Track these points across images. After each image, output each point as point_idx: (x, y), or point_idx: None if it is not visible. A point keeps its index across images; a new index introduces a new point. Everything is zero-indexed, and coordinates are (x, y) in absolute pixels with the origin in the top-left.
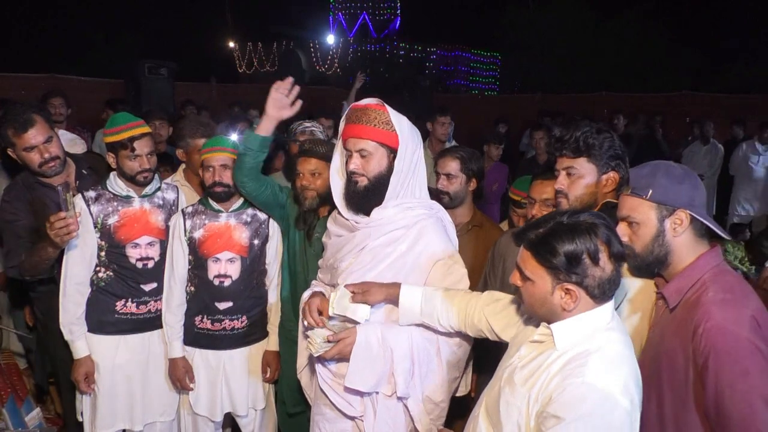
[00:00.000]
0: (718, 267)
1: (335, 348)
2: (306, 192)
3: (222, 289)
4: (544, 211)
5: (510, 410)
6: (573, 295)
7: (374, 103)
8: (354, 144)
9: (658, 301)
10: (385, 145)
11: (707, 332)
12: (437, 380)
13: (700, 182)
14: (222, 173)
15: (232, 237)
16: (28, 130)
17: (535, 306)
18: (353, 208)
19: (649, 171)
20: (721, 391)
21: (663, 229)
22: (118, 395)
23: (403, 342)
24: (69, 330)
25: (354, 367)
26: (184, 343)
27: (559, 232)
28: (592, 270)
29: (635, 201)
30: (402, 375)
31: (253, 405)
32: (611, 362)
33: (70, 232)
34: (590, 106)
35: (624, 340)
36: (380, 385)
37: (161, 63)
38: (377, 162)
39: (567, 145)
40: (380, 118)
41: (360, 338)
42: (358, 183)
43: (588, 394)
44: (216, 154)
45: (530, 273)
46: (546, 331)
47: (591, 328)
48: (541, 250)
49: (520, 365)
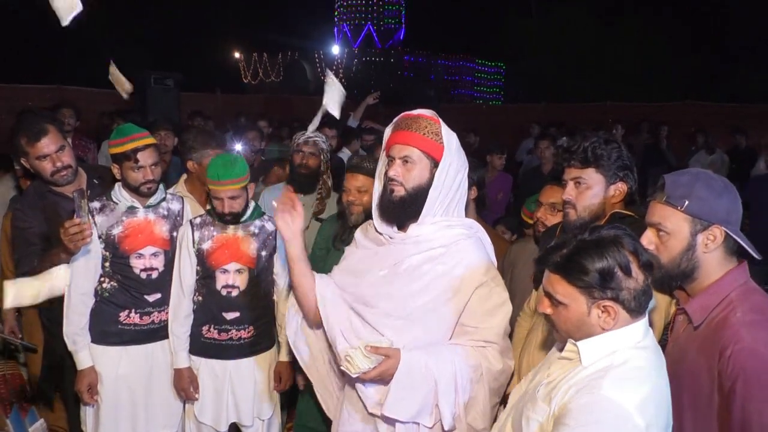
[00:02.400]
0: (746, 285)
1: (376, 370)
2: (352, 207)
3: (229, 300)
4: (549, 215)
5: (530, 425)
6: (611, 311)
7: (428, 113)
8: (399, 150)
9: (678, 316)
10: (429, 156)
11: (736, 355)
12: (479, 408)
13: (738, 196)
14: (231, 204)
15: (240, 248)
16: (41, 140)
17: (571, 331)
18: (387, 220)
19: (688, 180)
20: (749, 417)
21: (694, 244)
22: (121, 406)
23: (447, 372)
24: (72, 340)
25: (395, 394)
26: (189, 353)
27: (586, 249)
28: (626, 282)
29: (668, 210)
30: (448, 407)
31: (258, 415)
32: (632, 378)
33: (84, 237)
34: (594, 115)
35: (653, 360)
36: (422, 414)
37: (167, 74)
38: (418, 172)
39: (575, 155)
40: (430, 128)
41: (402, 365)
42: (394, 192)
43: (600, 404)
44: (224, 187)
45: (562, 296)
46: (573, 348)
47: (618, 344)
48: (571, 271)
49: (545, 382)
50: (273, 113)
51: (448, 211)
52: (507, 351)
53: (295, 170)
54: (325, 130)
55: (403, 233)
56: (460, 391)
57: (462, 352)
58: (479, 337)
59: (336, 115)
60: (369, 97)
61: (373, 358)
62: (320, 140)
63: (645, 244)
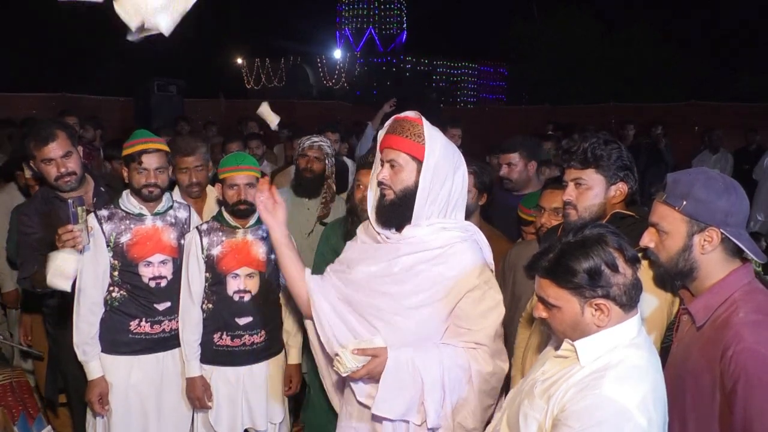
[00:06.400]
0: (750, 285)
1: (365, 368)
2: (364, 203)
3: (242, 305)
4: (553, 220)
5: (528, 422)
6: (604, 309)
7: (412, 115)
8: (387, 154)
9: (683, 316)
10: (415, 158)
11: (737, 355)
12: (470, 407)
13: (742, 197)
14: (248, 191)
15: (250, 253)
16: (48, 144)
17: (567, 331)
18: (382, 222)
19: (688, 180)
20: (750, 418)
21: (690, 245)
22: (132, 416)
23: (434, 369)
24: (82, 351)
25: (383, 394)
26: (202, 362)
27: (571, 251)
28: (614, 279)
29: (667, 210)
30: (433, 405)
31: (270, 419)
32: (630, 377)
33: (76, 245)
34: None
35: (648, 358)
36: (410, 413)
37: (170, 80)
38: (406, 175)
39: (575, 156)
40: (413, 130)
41: (390, 362)
42: (385, 196)
43: (601, 404)
44: (241, 172)
45: (554, 300)
46: (569, 347)
47: (614, 342)
48: (559, 274)
49: (541, 379)
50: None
51: (445, 212)
52: (498, 353)
53: (300, 174)
54: (327, 134)
55: (398, 234)
56: (447, 390)
57: (451, 352)
58: (470, 338)
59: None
60: (386, 105)
61: (361, 357)
62: (325, 144)
63: (645, 242)
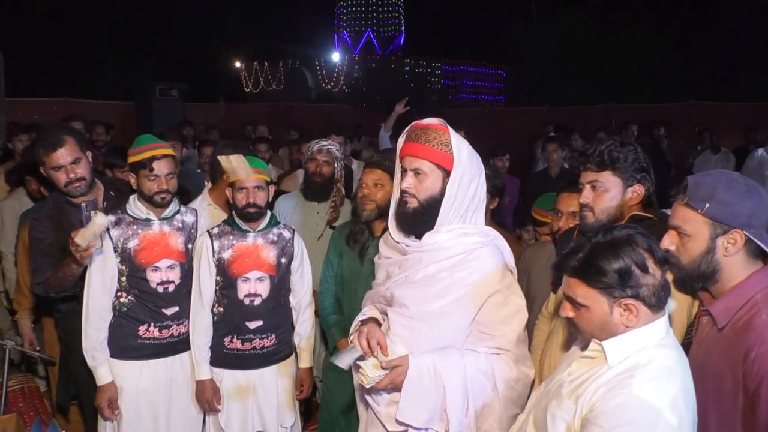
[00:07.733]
0: None
1: (387, 377)
2: (365, 203)
3: (252, 308)
4: (571, 223)
5: (556, 422)
6: (633, 309)
7: (436, 123)
8: (410, 162)
9: (702, 318)
10: (440, 167)
11: (760, 357)
12: (495, 415)
13: (763, 199)
14: (256, 195)
15: (261, 256)
16: (57, 150)
17: (595, 332)
18: (403, 230)
19: (710, 183)
20: None
21: (714, 247)
22: (141, 420)
23: (455, 376)
24: (92, 356)
25: (405, 401)
26: (212, 365)
27: (601, 251)
28: (644, 279)
29: (689, 212)
30: (455, 412)
31: (281, 423)
32: (660, 376)
33: (89, 249)
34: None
35: (677, 358)
36: (433, 420)
37: (172, 85)
38: (431, 183)
39: (591, 158)
40: (439, 139)
41: (411, 371)
42: (407, 204)
43: (632, 404)
44: (250, 176)
45: (583, 299)
46: (597, 347)
47: (643, 342)
48: (589, 273)
49: (569, 380)
50: (275, 121)
51: (465, 218)
52: (523, 359)
53: (310, 178)
54: (332, 137)
55: (419, 242)
56: (470, 397)
57: (473, 358)
58: (494, 344)
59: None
60: (398, 106)
61: (383, 368)
62: (334, 148)
63: (666, 245)
